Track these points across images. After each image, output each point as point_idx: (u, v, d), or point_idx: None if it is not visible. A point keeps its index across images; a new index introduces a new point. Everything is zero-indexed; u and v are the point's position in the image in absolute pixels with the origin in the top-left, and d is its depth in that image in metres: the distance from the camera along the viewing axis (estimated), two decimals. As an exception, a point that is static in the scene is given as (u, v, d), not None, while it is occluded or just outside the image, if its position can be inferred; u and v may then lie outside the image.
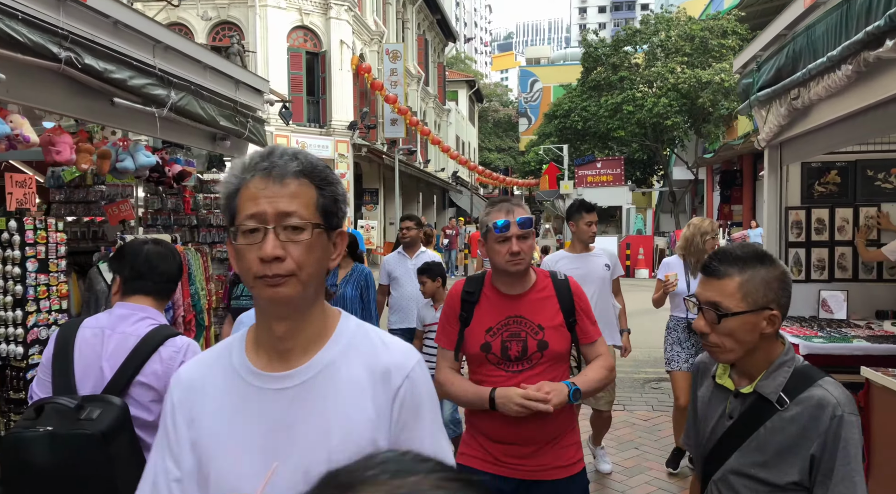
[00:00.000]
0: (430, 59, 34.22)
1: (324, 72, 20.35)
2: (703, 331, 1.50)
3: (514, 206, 2.14)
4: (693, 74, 20.26)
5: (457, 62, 68.79)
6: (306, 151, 1.17)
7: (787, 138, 5.23)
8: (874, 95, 3.68)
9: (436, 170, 34.08)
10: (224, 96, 5.53)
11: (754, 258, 1.50)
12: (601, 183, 20.80)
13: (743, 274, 1.48)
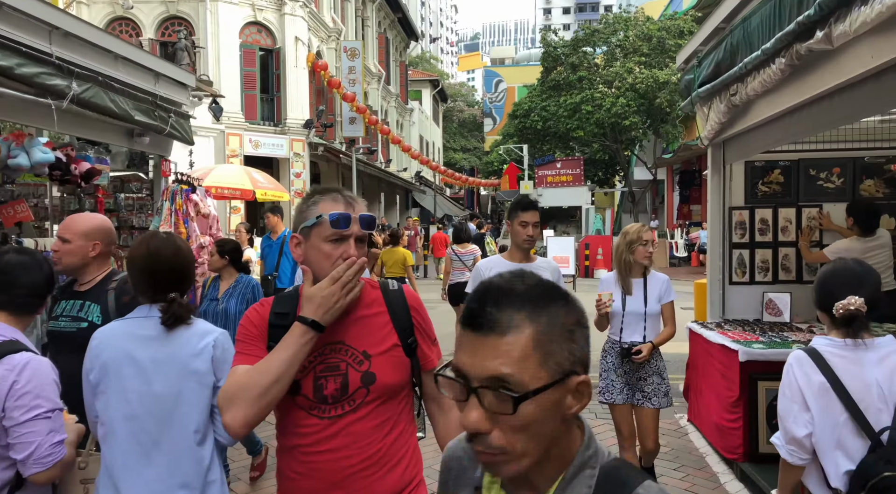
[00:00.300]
0: (392, 57, 33.86)
1: (278, 69, 19.86)
2: (479, 430, 0.86)
3: (354, 199, 1.65)
4: (650, 74, 20.34)
5: (422, 62, 68.52)
6: None
7: (729, 136, 5.09)
8: (808, 91, 3.53)
9: (398, 170, 33.73)
10: (140, 89, 5.16)
11: (546, 294, 0.90)
12: (561, 183, 20.76)
13: (536, 323, 0.87)
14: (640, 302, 3.79)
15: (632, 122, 20.93)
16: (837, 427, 1.89)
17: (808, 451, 1.96)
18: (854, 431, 1.88)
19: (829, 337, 2.01)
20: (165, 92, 5.55)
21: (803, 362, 1.98)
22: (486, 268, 3.74)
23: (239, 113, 18.90)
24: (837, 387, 1.89)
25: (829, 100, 3.46)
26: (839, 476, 1.90)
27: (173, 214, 5.76)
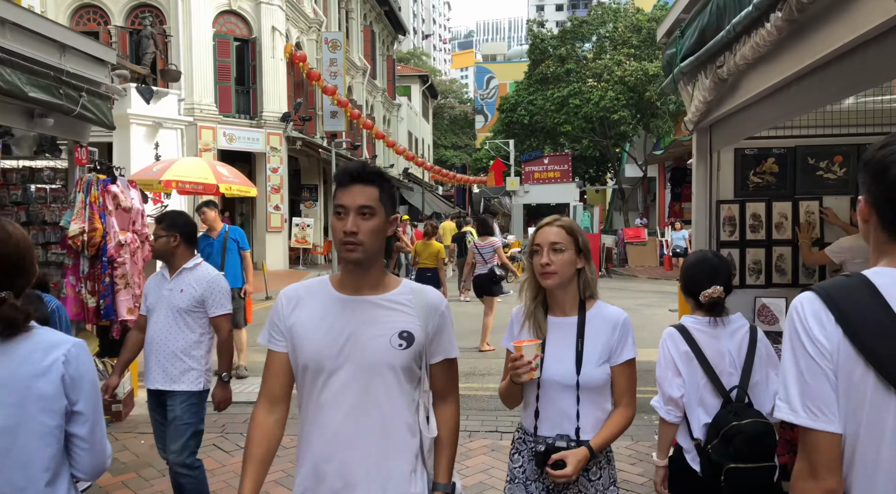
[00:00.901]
0: (378, 51, 33.13)
1: (254, 60, 19.13)
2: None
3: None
4: (640, 67, 19.72)
5: (413, 58, 67.83)
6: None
7: (716, 118, 4.43)
8: (811, 54, 2.86)
9: (385, 166, 33.02)
10: (38, 62, 4.45)
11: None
12: (548, 179, 20.13)
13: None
14: (566, 363, 2.06)
15: (621, 116, 20.30)
16: (699, 388, 2.30)
17: (681, 410, 2.34)
18: (711, 391, 2.29)
19: (694, 317, 2.42)
20: (75, 67, 4.84)
21: (674, 336, 2.39)
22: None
23: (212, 105, 18.16)
24: (699, 356, 2.30)
25: (837, 65, 2.79)
26: (700, 427, 2.29)
27: (87, 207, 5.07)
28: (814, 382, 1.21)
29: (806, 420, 1.21)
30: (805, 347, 1.23)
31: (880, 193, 1.26)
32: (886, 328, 1.16)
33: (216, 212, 6.96)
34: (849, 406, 1.20)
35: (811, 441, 1.22)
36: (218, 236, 6.86)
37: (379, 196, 1.75)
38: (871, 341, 1.17)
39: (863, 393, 1.18)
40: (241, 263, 6.91)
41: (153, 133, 14.25)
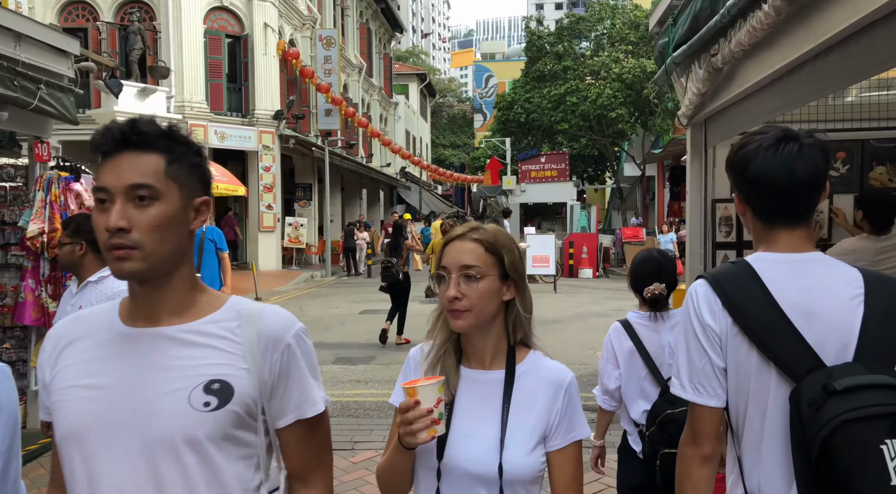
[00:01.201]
0: (375, 49, 32.84)
1: (246, 57, 18.85)
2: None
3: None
4: (638, 64, 19.42)
5: (412, 56, 67.59)
6: None
7: (711, 112, 4.16)
8: (812, 39, 2.59)
9: (381, 165, 32.76)
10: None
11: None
12: (545, 178, 19.85)
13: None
14: (483, 442, 1.36)
15: (618, 114, 20.01)
16: (640, 379, 2.40)
17: (617, 400, 2.49)
18: (651, 381, 2.38)
19: (638, 312, 2.51)
20: (32, 57, 4.57)
21: (618, 331, 2.48)
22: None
23: (203, 102, 17.89)
24: (640, 349, 2.40)
25: (840, 50, 2.52)
26: (640, 414, 2.39)
27: (48, 206, 4.80)
28: (700, 363, 1.35)
29: (692, 396, 1.36)
30: (696, 332, 1.36)
31: (747, 189, 1.39)
32: (765, 310, 1.30)
33: None
34: (738, 379, 1.34)
35: (695, 413, 1.37)
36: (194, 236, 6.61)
37: (165, 168, 1.12)
38: (753, 323, 1.30)
39: (748, 367, 1.32)
40: (218, 265, 6.64)
41: (141, 131, 13.99)
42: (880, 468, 1.13)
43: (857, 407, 1.16)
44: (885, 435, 1.14)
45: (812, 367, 1.25)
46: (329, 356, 7.66)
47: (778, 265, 1.35)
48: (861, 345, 1.26)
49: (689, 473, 1.37)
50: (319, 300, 13.37)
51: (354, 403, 5.71)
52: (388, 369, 6.96)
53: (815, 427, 1.18)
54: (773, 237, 1.39)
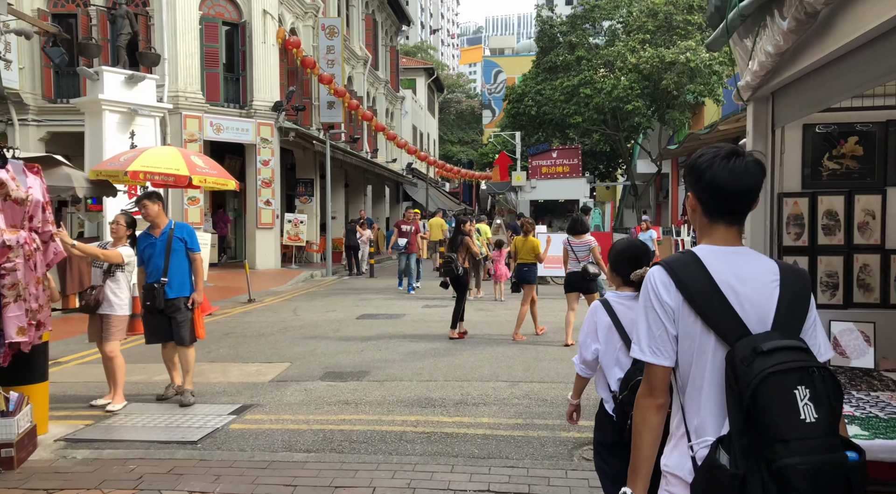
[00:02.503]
0: (381, 41, 31.95)
1: (244, 45, 18.01)
2: None
3: None
4: (656, 53, 18.42)
5: (419, 51, 66.68)
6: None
7: (784, 81, 3.23)
8: None
9: (387, 161, 31.89)
10: None
11: None
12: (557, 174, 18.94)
13: None
14: None
15: (635, 107, 19.02)
16: (616, 350, 2.71)
17: (593, 368, 2.82)
18: (625, 352, 2.61)
19: (616, 292, 2.85)
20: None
21: (598, 309, 2.79)
22: None
23: (199, 92, 17.07)
24: (617, 325, 2.71)
25: None
26: (615, 381, 2.68)
27: (-35, 197, 3.95)
28: (657, 332, 1.70)
29: (650, 358, 1.71)
30: (654, 307, 1.71)
31: (701, 190, 1.74)
32: (707, 289, 1.66)
33: (160, 206, 5.83)
34: (685, 344, 1.69)
35: (652, 371, 1.71)
36: (161, 234, 5.73)
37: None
38: (699, 299, 1.65)
39: (693, 333, 1.67)
40: (189, 267, 5.79)
41: (129, 121, 13.15)
42: (793, 406, 1.50)
43: (777, 363, 1.53)
44: (796, 383, 1.52)
45: (741, 334, 1.62)
46: (317, 370, 6.80)
47: (715, 254, 1.71)
48: (777, 319, 1.65)
49: (646, 419, 1.72)
50: (316, 302, 12.51)
51: (340, 433, 4.84)
52: (382, 388, 6.09)
53: (748, 378, 1.53)
54: (713, 232, 1.75)
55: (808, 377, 1.51)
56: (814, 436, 1.48)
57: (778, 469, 1.46)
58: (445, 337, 8.58)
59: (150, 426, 5.05)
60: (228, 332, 9.12)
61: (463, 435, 4.77)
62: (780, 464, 1.46)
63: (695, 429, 1.66)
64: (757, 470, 1.49)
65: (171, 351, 5.81)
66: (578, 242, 7.96)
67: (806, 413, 1.48)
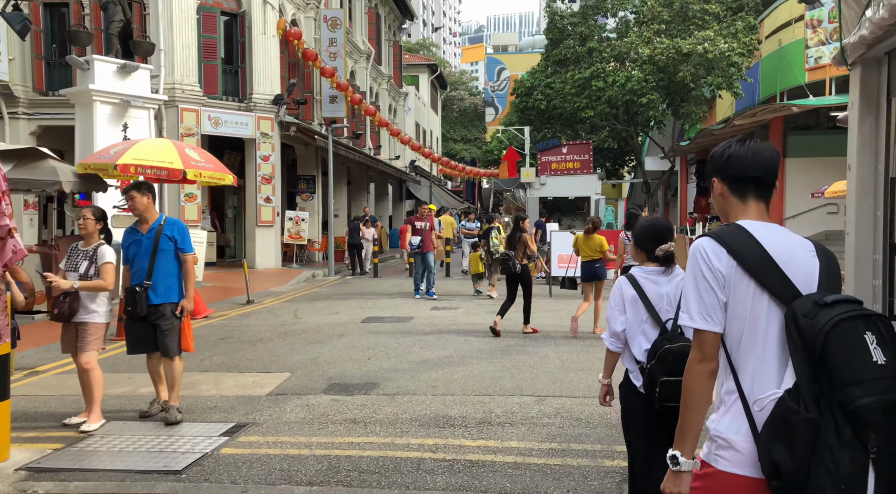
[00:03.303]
0: (384, 35, 31.27)
1: (243, 36, 17.33)
2: None
3: None
4: (672, 44, 17.70)
5: (422, 48, 66.06)
6: None
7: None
8: None
9: (390, 157, 31.22)
10: None
11: None
12: (567, 170, 18.25)
13: None
14: None
15: (649, 100, 18.30)
16: (641, 323, 2.81)
17: (622, 341, 2.88)
18: (651, 324, 2.80)
19: (642, 267, 2.94)
20: None
21: (625, 283, 2.89)
22: None
23: (196, 85, 16.41)
24: (643, 297, 2.82)
25: None
26: (641, 352, 2.78)
27: None
28: (708, 299, 1.73)
29: (701, 324, 1.74)
30: (704, 275, 1.74)
31: (725, 171, 1.86)
32: (759, 255, 1.72)
33: (149, 198, 5.15)
34: (736, 309, 1.73)
35: (703, 338, 1.75)
36: (149, 231, 5.06)
37: None
38: (752, 263, 1.71)
39: (747, 297, 1.72)
40: (178, 270, 5.11)
41: (121, 113, 12.48)
42: (865, 350, 1.55)
43: (843, 312, 1.59)
44: (864, 329, 1.58)
45: (794, 295, 1.69)
46: (320, 382, 6.13)
47: (760, 226, 1.78)
48: (821, 282, 1.73)
49: (698, 384, 1.75)
50: (318, 303, 11.85)
51: (347, 460, 4.18)
52: (393, 403, 5.42)
53: (816, 329, 1.58)
54: (746, 209, 1.84)
55: (872, 323, 1.58)
56: (886, 377, 1.53)
57: (855, 409, 1.51)
58: (457, 343, 7.92)
59: (129, 450, 4.38)
60: (224, 337, 8.46)
61: (490, 464, 4.10)
62: (857, 404, 1.51)
63: (750, 390, 1.70)
64: (830, 414, 1.54)
65: (156, 362, 5.15)
66: None
67: (877, 355, 1.55)
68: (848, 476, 1.51)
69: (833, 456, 1.51)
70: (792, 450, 1.54)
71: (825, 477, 1.51)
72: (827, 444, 1.51)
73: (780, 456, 1.56)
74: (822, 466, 1.51)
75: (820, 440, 1.52)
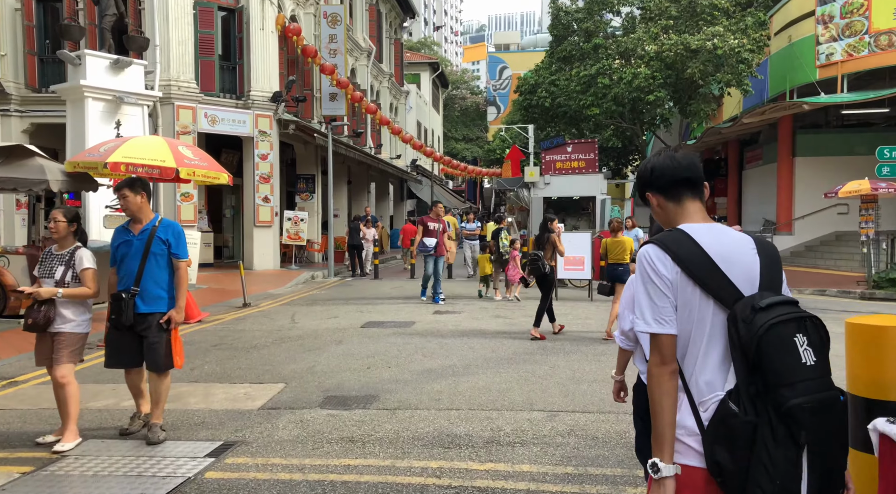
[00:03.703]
0: (385, 33, 30.91)
1: (241, 32, 16.96)
2: None
3: None
4: (680, 40, 17.29)
5: (423, 47, 65.73)
6: None
7: None
8: None
9: (391, 157, 30.85)
10: None
11: None
12: (572, 170, 17.84)
13: None
14: None
15: (657, 97, 17.88)
16: None
17: (633, 340, 2.70)
18: None
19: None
20: None
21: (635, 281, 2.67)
22: None
23: (192, 82, 16.05)
24: None
25: None
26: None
27: None
28: (660, 303, 1.78)
29: (656, 328, 1.78)
30: (654, 281, 1.80)
31: (657, 184, 1.96)
32: (701, 260, 1.78)
33: (143, 196, 4.71)
34: (684, 312, 1.79)
35: (660, 341, 1.78)
36: (141, 232, 4.64)
37: None
38: (695, 269, 1.77)
39: (693, 302, 1.78)
40: (170, 277, 4.70)
41: (114, 109, 12.13)
42: (794, 352, 1.65)
43: (776, 315, 1.68)
44: (795, 331, 1.67)
45: (737, 297, 1.75)
46: (316, 394, 5.75)
47: (702, 230, 1.84)
48: (762, 281, 1.80)
49: (662, 385, 1.76)
50: (317, 307, 11.47)
51: (343, 486, 3.80)
52: (394, 418, 5.04)
53: (752, 332, 1.66)
54: (685, 212, 1.91)
55: (803, 325, 1.68)
56: (814, 377, 1.64)
57: (787, 410, 1.60)
58: (461, 350, 7.55)
59: (105, 474, 4.00)
60: (217, 343, 8.08)
61: (501, 491, 3.72)
62: (788, 405, 1.60)
63: (699, 390, 1.78)
64: (765, 414, 1.63)
65: (136, 377, 4.76)
66: None
67: (806, 357, 1.65)
68: (783, 473, 1.61)
69: (769, 454, 1.61)
70: (731, 451, 1.65)
71: (763, 474, 1.61)
72: (764, 443, 1.62)
73: (721, 457, 1.67)
74: (760, 463, 1.61)
75: (757, 439, 1.62)
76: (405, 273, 18.29)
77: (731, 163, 25.98)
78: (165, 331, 4.59)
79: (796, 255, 19.70)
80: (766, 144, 22.25)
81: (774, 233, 20.57)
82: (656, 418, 1.75)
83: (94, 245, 11.11)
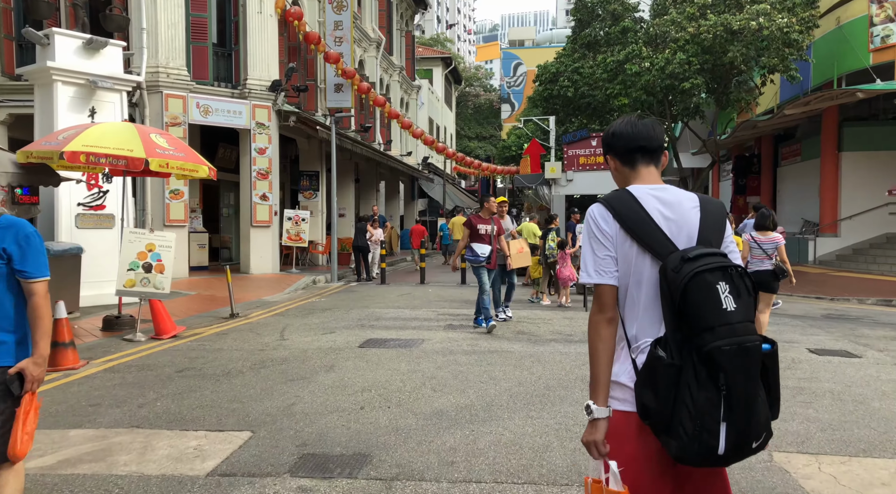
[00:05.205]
0: (396, 24, 29.51)
1: (237, 16, 15.62)
2: None
3: None
4: (720, 20, 15.69)
5: (436, 44, 64.37)
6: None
7: None
8: None
9: (401, 153, 29.45)
10: None
11: None
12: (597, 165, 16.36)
13: None
14: None
15: (693, 85, 16.31)
16: None
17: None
18: None
19: None
20: None
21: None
22: None
23: (183, 69, 14.71)
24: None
25: None
26: None
27: None
28: (601, 256, 1.93)
29: (597, 279, 1.92)
30: (596, 236, 1.95)
31: (613, 147, 2.10)
32: (639, 216, 1.92)
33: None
34: (623, 266, 1.93)
35: (600, 291, 1.92)
36: None
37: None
38: (633, 225, 1.91)
39: (630, 256, 1.91)
40: (13, 308, 2.71)
41: (88, 95, 10.79)
42: (716, 298, 1.76)
43: (702, 265, 1.79)
44: (718, 280, 1.78)
45: (671, 251, 1.88)
46: (288, 450, 4.31)
47: (646, 190, 1.98)
48: (700, 236, 1.91)
49: (600, 332, 1.90)
50: (313, 318, 10.06)
51: None
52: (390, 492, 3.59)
53: (678, 281, 1.78)
54: (638, 175, 2.05)
55: (727, 274, 1.79)
56: (734, 322, 1.75)
57: (707, 352, 1.72)
58: (480, 381, 6.09)
59: None
60: (184, 368, 6.68)
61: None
62: (708, 348, 1.72)
63: (634, 337, 1.92)
64: (689, 359, 1.76)
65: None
66: (767, 239, 7.69)
67: (727, 303, 1.76)
68: (703, 412, 1.73)
69: (692, 395, 1.74)
70: (656, 393, 1.78)
71: (685, 414, 1.74)
72: (687, 385, 1.75)
73: (648, 400, 1.81)
74: (683, 404, 1.74)
75: (681, 382, 1.76)
76: (415, 276, 16.86)
77: (765, 159, 24.31)
78: (11, 397, 2.71)
79: (843, 259, 18.03)
80: (806, 139, 20.57)
81: (817, 235, 18.90)
82: (592, 363, 1.91)
83: (60, 246, 9.82)
